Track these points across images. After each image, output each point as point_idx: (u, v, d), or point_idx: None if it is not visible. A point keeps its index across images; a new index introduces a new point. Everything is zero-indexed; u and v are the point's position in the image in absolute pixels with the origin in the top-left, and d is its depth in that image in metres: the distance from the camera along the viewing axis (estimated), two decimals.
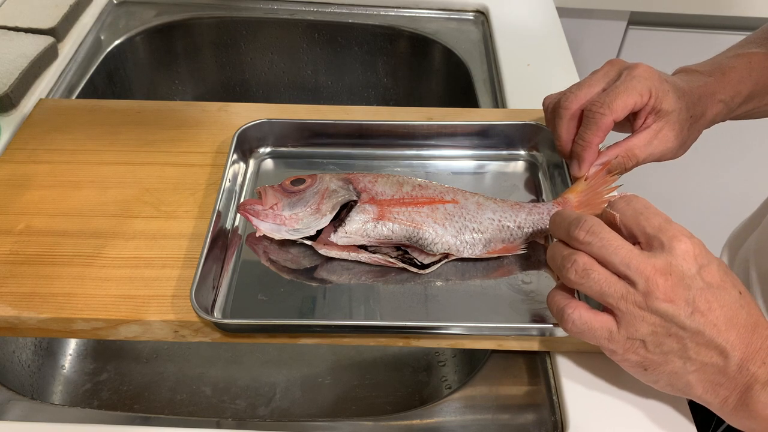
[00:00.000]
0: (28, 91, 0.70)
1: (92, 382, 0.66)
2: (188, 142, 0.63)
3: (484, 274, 0.53)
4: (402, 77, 0.93)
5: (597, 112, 0.52)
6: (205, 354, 0.68)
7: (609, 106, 0.52)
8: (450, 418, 0.47)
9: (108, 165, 0.60)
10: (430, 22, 0.89)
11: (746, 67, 0.59)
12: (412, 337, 0.49)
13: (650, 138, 0.54)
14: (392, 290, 0.51)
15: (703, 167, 1.32)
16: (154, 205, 0.56)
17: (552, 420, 0.47)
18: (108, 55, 0.82)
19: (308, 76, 0.95)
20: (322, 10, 0.90)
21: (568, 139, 0.55)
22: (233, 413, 0.63)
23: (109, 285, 0.50)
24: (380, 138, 0.63)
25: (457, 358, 0.68)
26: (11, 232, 0.54)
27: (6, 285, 0.50)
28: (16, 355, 0.62)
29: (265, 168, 0.62)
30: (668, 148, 0.55)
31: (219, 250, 0.53)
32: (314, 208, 0.52)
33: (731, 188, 1.34)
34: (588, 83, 0.55)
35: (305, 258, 0.53)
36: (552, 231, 0.44)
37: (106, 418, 0.47)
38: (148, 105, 0.68)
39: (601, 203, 0.53)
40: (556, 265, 0.43)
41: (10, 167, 0.60)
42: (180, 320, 0.48)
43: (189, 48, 0.91)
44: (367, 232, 0.51)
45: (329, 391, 0.65)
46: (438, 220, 0.52)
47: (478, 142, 0.63)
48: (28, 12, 0.78)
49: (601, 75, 0.55)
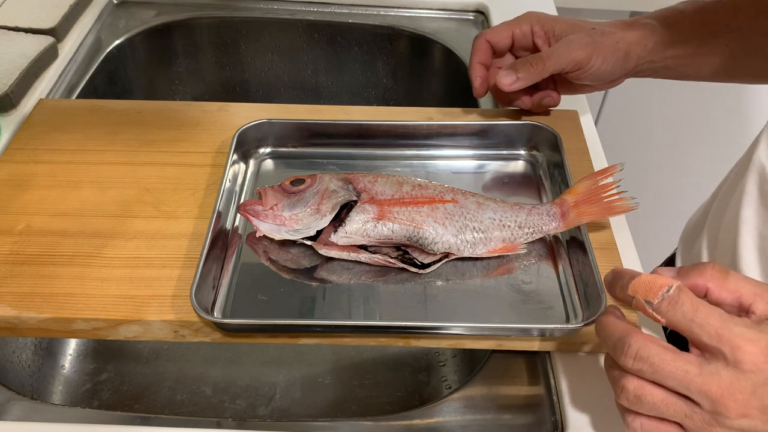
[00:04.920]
0: (28, 91, 0.70)
1: (92, 382, 0.66)
2: (188, 142, 0.63)
3: (484, 274, 0.53)
4: (402, 77, 0.93)
5: (475, 38, 0.65)
6: (205, 354, 0.68)
7: (485, 32, 0.64)
8: (450, 418, 0.47)
9: (108, 165, 0.60)
10: (430, 22, 0.89)
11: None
12: (412, 337, 0.49)
13: (553, 47, 0.61)
14: (392, 290, 0.51)
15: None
16: (154, 205, 0.56)
17: (552, 420, 0.47)
18: (108, 55, 0.82)
19: (308, 76, 0.94)
20: (322, 10, 0.90)
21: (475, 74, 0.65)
22: (233, 413, 0.63)
23: (109, 285, 0.50)
24: (380, 138, 0.63)
25: (457, 358, 0.68)
26: (11, 232, 0.54)
27: (6, 285, 0.50)
28: (16, 355, 0.62)
29: (265, 168, 0.62)
30: (573, 56, 0.59)
31: (219, 250, 0.53)
32: (314, 208, 0.52)
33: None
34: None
35: (305, 258, 0.53)
36: (601, 342, 0.41)
37: (106, 418, 0.47)
38: (148, 105, 0.68)
39: (599, 204, 0.53)
40: (609, 381, 0.40)
41: (10, 167, 0.60)
42: (180, 320, 0.48)
43: (189, 48, 0.91)
44: (367, 232, 0.51)
45: (329, 391, 0.65)
46: (438, 219, 0.52)
47: (478, 141, 0.63)
48: (28, 12, 0.78)
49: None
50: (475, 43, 0.64)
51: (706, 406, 0.35)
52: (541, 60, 0.59)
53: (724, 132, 1.29)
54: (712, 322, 0.36)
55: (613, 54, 0.59)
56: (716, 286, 0.39)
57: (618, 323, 0.39)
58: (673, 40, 0.61)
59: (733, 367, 0.35)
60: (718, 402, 0.35)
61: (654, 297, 0.37)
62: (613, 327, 0.39)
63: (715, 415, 0.36)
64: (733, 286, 0.39)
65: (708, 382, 0.35)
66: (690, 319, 0.36)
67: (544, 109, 0.65)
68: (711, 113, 1.26)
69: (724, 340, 0.35)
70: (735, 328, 0.35)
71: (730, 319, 0.36)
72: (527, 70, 0.60)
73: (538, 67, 0.59)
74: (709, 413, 0.36)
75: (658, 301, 0.37)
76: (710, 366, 0.35)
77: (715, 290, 0.39)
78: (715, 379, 0.35)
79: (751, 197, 0.58)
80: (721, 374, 0.35)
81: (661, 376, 0.36)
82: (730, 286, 0.39)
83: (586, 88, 0.64)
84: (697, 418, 0.36)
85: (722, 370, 0.35)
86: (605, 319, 0.40)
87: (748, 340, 0.35)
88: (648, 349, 0.36)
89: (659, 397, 0.37)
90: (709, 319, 0.36)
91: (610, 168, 0.54)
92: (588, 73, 0.60)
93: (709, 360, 0.36)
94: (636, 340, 0.37)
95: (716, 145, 1.31)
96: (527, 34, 0.63)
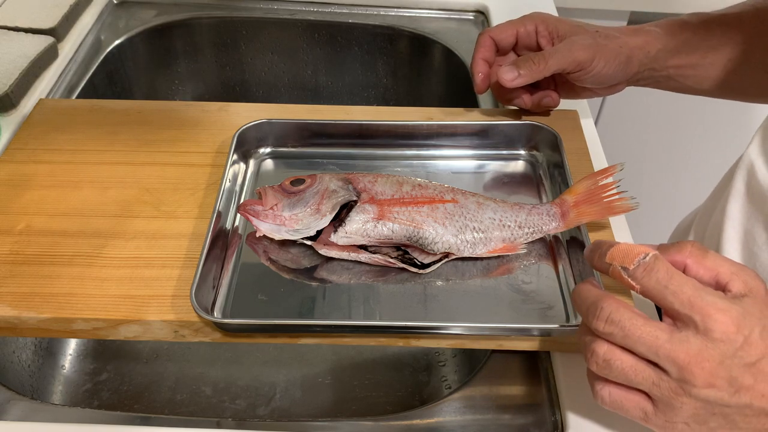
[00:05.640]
0: (28, 91, 0.70)
1: (92, 382, 0.66)
2: (188, 142, 0.63)
3: (484, 274, 0.53)
4: (402, 77, 0.93)
5: (479, 35, 0.65)
6: (205, 354, 0.68)
7: (490, 29, 0.64)
8: (450, 418, 0.47)
9: (108, 165, 0.60)
10: (430, 22, 0.89)
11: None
12: (412, 337, 0.49)
13: (556, 46, 0.61)
14: (392, 290, 0.51)
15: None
16: (154, 205, 0.56)
17: (552, 420, 0.47)
18: (108, 55, 0.82)
19: (308, 76, 0.94)
20: (322, 10, 0.90)
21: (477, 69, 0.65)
22: (233, 413, 0.63)
23: (109, 285, 0.50)
24: (380, 138, 0.63)
25: (457, 358, 0.68)
26: (11, 232, 0.54)
27: (6, 285, 0.50)
28: (16, 355, 0.62)
29: (265, 168, 0.62)
30: (575, 56, 0.59)
31: (219, 250, 0.53)
32: (314, 208, 0.52)
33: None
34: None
35: (305, 258, 0.53)
36: (576, 308, 0.42)
37: (106, 418, 0.47)
38: (148, 105, 0.68)
39: (599, 204, 0.53)
40: (581, 348, 0.40)
41: (10, 167, 0.60)
42: (180, 320, 0.48)
43: (189, 48, 0.91)
44: (367, 232, 0.51)
45: (329, 391, 0.65)
46: (438, 219, 0.52)
47: (478, 141, 0.63)
48: (28, 12, 0.78)
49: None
50: (479, 40, 0.65)
51: (674, 373, 0.36)
52: (543, 58, 0.59)
53: (724, 132, 1.29)
54: (686, 290, 0.36)
55: (615, 57, 0.59)
56: (694, 263, 0.39)
57: (593, 289, 0.40)
58: (676, 50, 0.61)
59: (702, 335, 0.35)
60: (685, 369, 0.35)
61: (630, 263, 0.38)
62: (588, 293, 0.40)
63: (681, 383, 0.36)
64: (711, 264, 0.39)
65: (676, 348, 0.35)
66: (664, 286, 0.37)
67: (543, 109, 0.65)
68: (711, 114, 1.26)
69: (696, 308, 0.36)
70: (707, 297, 0.36)
71: (703, 288, 0.36)
72: (529, 67, 0.60)
73: (540, 64, 0.59)
74: (676, 381, 0.36)
75: (633, 267, 0.38)
76: (680, 333, 0.36)
77: (693, 267, 0.39)
78: (684, 346, 0.35)
79: (737, 192, 0.58)
80: (691, 341, 0.35)
81: (631, 341, 0.36)
82: (708, 263, 0.39)
83: (586, 92, 0.65)
84: (664, 386, 0.36)
85: (692, 338, 0.36)
86: (581, 285, 0.41)
87: (719, 309, 0.35)
88: (620, 313, 0.37)
89: (628, 362, 0.37)
90: (682, 287, 0.36)
91: (610, 168, 0.54)
92: (589, 74, 0.60)
93: (680, 328, 0.36)
94: (608, 304, 0.37)
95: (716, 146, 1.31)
96: (531, 33, 0.63)
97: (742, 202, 0.57)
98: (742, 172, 0.58)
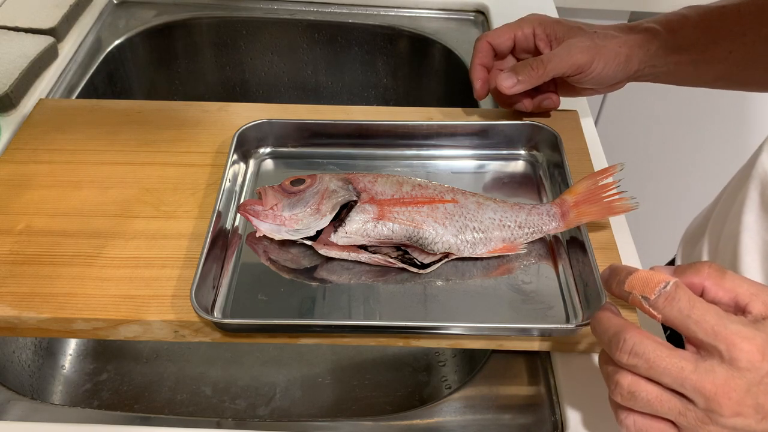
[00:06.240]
0: (28, 91, 0.70)
1: (92, 382, 0.66)
2: (188, 142, 0.63)
3: (484, 274, 0.53)
4: (402, 77, 0.93)
5: (477, 40, 0.64)
6: (205, 354, 0.68)
7: (487, 34, 0.64)
8: (450, 418, 0.47)
9: (108, 165, 0.60)
10: (430, 22, 0.89)
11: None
12: (412, 337, 0.49)
13: (554, 50, 0.61)
14: (392, 290, 0.51)
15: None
16: (154, 205, 0.56)
17: (552, 420, 0.47)
18: (108, 55, 0.82)
19: (308, 76, 0.94)
20: (322, 10, 0.90)
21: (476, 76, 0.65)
22: (233, 413, 0.63)
23: (109, 285, 0.50)
24: (380, 138, 0.63)
25: (457, 358, 0.68)
26: (11, 232, 0.54)
27: (6, 285, 0.50)
28: (16, 355, 0.62)
29: (265, 168, 0.62)
30: (574, 60, 0.59)
31: (219, 250, 0.53)
32: (314, 208, 0.52)
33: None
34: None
35: (305, 258, 0.53)
36: (596, 338, 0.41)
37: (106, 418, 0.47)
38: (148, 105, 0.68)
39: (599, 204, 0.53)
40: (603, 377, 0.39)
41: (10, 167, 0.60)
42: (180, 320, 0.48)
43: (189, 48, 0.91)
44: (367, 232, 0.51)
45: (329, 391, 0.65)
46: (438, 219, 0.52)
47: (478, 141, 0.63)
48: (28, 12, 0.78)
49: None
50: (477, 45, 0.64)
51: (701, 403, 0.35)
52: (542, 63, 0.59)
53: (725, 132, 1.29)
54: (709, 319, 0.35)
55: (614, 58, 0.59)
56: (713, 285, 0.39)
57: (614, 319, 0.39)
58: (675, 45, 0.61)
59: (728, 364, 0.35)
60: (713, 399, 0.35)
61: (651, 293, 0.37)
62: (609, 322, 0.39)
63: (708, 413, 0.35)
64: (730, 285, 0.38)
65: (703, 379, 0.35)
66: (686, 316, 0.36)
67: (543, 111, 0.65)
68: (712, 113, 1.26)
69: (720, 338, 0.35)
70: (731, 326, 0.35)
71: (726, 316, 0.36)
72: (528, 74, 0.60)
73: (539, 70, 0.59)
74: (702, 411, 0.35)
75: (654, 296, 0.37)
76: (705, 363, 0.35)
77: (711, 289, 0.39)
78: (710, 377, 0.35)
79: (753, 203, 0.58)
80: (716, 371, 0.35)
81: (656, 373, 0.36)
82: (726, 285, 0.39)
83: (587, 91, 0.64)
84: (691, 415, 0.36)
85: (717, 368, 0.35)
86: (601, 314, 0.40)
87: (744, 337, 0.35)
88: (643, 345, 0.36)
89: (653, 393, 0.36)
90: (705, 315, 0.36)
91: (610, 168, 0.54)
92: (589, 77, 0.60)
93: (705, 357, 0.36)
94: (632, 335, 0.37)
95: (717, 146, 1.31)
96: (529, 36, 0.63)
97: (758, 212, 0.57)
98: (756, 182, 0.57)
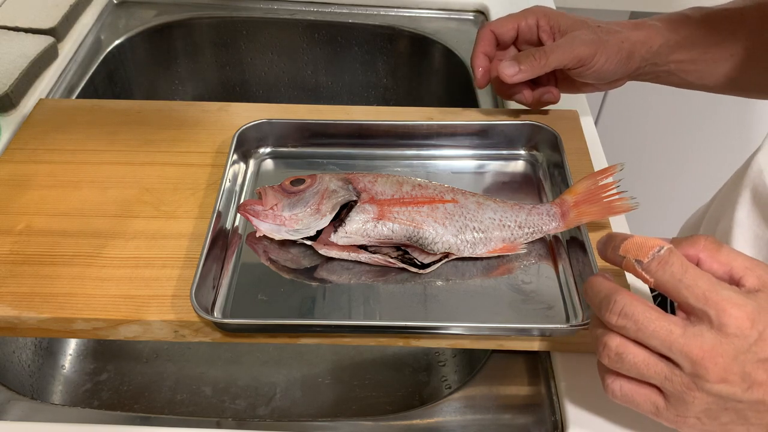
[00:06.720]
0: (28, 91, 0.70)
1: (92, 382, 0.66)
2: (188, 142, 0.63)
3: (484, 274, 0.53)
4: (402, 77, 0.93)
5: (480, 28, 0.64)
6: (205, 354, 0.68)
7: (491, 23, 0.64)
8: (450, 418, 0.47)
9: (108, 165, 0.60)
10: (430, 22, 0.89)
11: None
12: (412, 337, 0.49)
13: (557, 41, 0.61)
14: (392, 290, 0.51)
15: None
16: (154, 205, 0.56)
17: (552, 420, 0.47)
18: (108, 55, 0.82)
19: (308, 76, 0.94)
20: (322, 10, 0.90)
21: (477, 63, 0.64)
22: (233, 413, 0.63)
23: (109, 285, 0.50)
24: (380, 138, 0.63)
25: (457, 358, 0.68)
26: (11, 232, 0.54)
27: (6, 285, 0.50)
28: (16, 355, 0.62)
29: (265, 168, 0.62)
30: (576, 52, 0.58)
31: (219, 250, 0.53)
32: (314, 208, 0.52)
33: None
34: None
35: (305, 258, 0.53)
36: (588, 301, 0.41)
37: (106, 418, 0.47)
38: (148, 105, 0.68)
39: (599, 204, 0.53)
40: (592, 341, 0.40)
41: (10, 167, 0.60)
42: (180, 320, 0.48)
43: (189, 48, 0.91)
44: (367, 232, 0.51)
45: (329, 391, 0.65)
46: (438, 219, 0.52)
47: (478, 141, 0.63)
48: (28, 12, 0.78)
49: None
50: (480, 33, 0.64)
51: (687, 368, 0.35)
52: (544, 53, 0.59)
53: (724, 132, 1.29)
54: (701, 284, 0.36)
55: (616, 53, 0.59)
56: (708, 257, 0.39)
57: (606, 282, 0.39)
58: (678, 44, 0.61)
59: (717, 330, 0.35)
60: (699, 364, 0.35)
61: (644, 256, 0.37)
62: (601, 285, 0.39)
63: (694, 378, 0.35)
64: (725, 259, 0.39)
65: (690, 343, 0.35)
66: (678, 280, 0.36)
67: (543, 106, 0.65)
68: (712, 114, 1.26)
69: (711, 303, 0.35)
70: (722, 292, 0.35)
71: (718, 283, 0.36)
72: (530, 63, 0.59)
73: (541, 60, 0.59)
74: (688, 376, 0.36)
75: (648, 260, 0.37)
76: (694, 328, 0.35)
77: (706, 261, 0.39)
78: (698, 341, 0.35)
79: (745, 200, 0.58)
80: (705, 336, 0.35)
81: (645, 335, 0.36)
82: (722, 258, 0.39)
83: (587, 87, 0.64)
84: (677, 380, 0.36)
85: (706, 333, 0.35)
86: (593, 278, 0.40)
87: (734, 304, 0.35)
88: (633, 307, 0.36)
89: (641, 356, 0.37)
90: (697, 281, 0.36)
91: (610, 168, 0.54)
92: (591, 70, 0.60)
93: (694, 322, 0.36)
94: (622, 297, 0.37)
95: (716, 145, 1.31)
96: (533, 27, 0.63)
97: (749, 207, 0.57)
98: (750, 180, 0.57)
